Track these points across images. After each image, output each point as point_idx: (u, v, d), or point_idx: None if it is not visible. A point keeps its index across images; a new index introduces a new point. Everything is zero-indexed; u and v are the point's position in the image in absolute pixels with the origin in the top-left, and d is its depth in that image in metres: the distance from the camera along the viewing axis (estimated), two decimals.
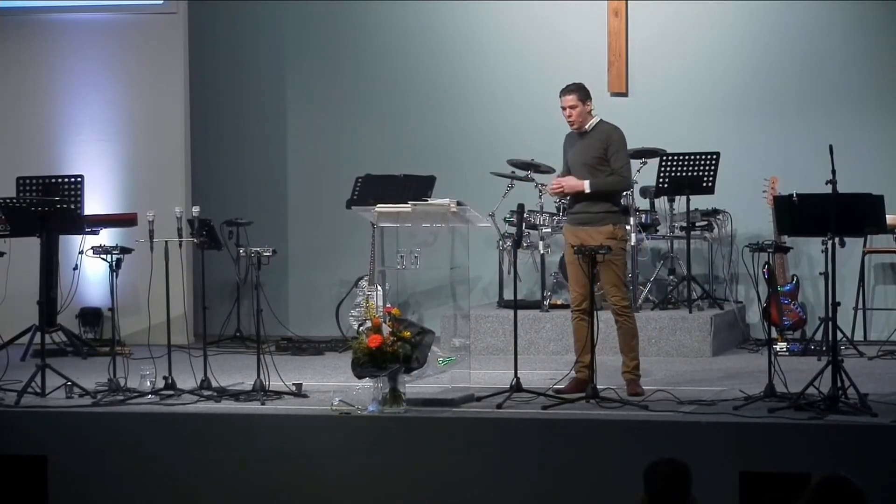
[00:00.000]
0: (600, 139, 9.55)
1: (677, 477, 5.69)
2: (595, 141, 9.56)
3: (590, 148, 9.56)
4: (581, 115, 9.56)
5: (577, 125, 9.59)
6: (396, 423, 8.73)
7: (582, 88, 9.61)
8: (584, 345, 9.45)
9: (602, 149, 9.53)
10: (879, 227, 9.24)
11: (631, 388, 9.42)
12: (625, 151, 9.62)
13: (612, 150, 9.52)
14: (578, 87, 9.61)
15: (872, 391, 8.97)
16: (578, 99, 9.54)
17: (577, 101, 9.53)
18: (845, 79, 12.40)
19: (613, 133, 9.58)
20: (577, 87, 9.61)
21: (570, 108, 9.55)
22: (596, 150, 9.54)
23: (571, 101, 9.54)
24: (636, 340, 9.62)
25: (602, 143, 9.54)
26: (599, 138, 9.56)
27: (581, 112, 9.55)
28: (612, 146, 9.53)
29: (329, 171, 13.15)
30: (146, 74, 12.85)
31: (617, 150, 9.54)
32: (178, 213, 9.92)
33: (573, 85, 9.63)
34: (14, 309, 11.66)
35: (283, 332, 12.74)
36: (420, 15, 13.13)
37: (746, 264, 9.49)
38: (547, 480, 8.40)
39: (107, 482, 8.91)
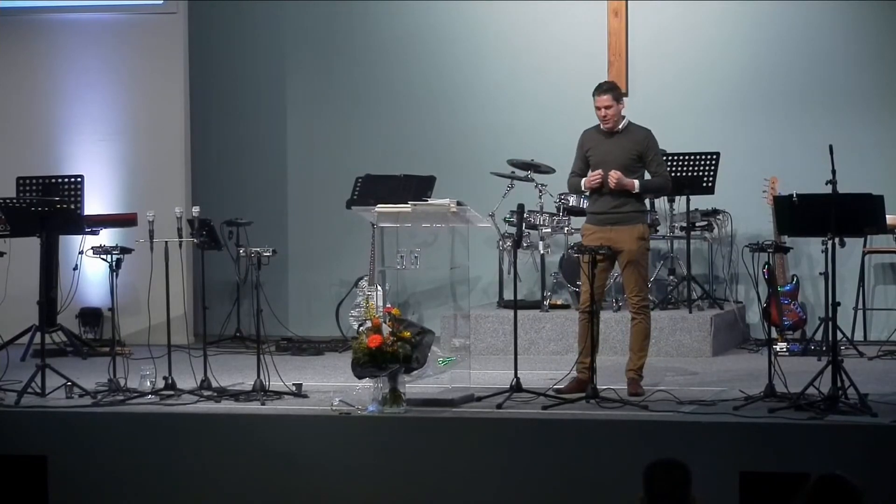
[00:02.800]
0: (637, 141, 9.58)
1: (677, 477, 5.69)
2: (630, 143, 9.58)
3: (625, 149, 9.57)
4: (617, 115, 9.58)
5: (612, 124, 9.59)
6: (396, 423, 8.73)
7: (616, 88, 9.66)
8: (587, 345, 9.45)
9: (638, 151, 9.57)
10: (879, 227, 9.23)
11: (632, 387, 9.43)
12: (660, 154, 9.76)
13: (651, 154, 9.61)
14: (613, 86, 9.67)
15: (872, 391, 8.98)
16: (613, 98, 9.56)
17: (613, 101, 9.56)
18: (845, 79, 12.40)
19: (650, 137, 9.65)
20: (613, 86, 9.67)
21: (606, 108, 9.56)
22: (632, 151, 9.57)
23: (607, 101, 9.55)
24: (648, 341, 9.65)
25: (639, 146, 9.58)
26: (636, 140, 9.59)
27: (616, 112, 9.58)
28: (651, 150, 9.62)
29: (329, 171, 13.15)
30: (146, 74, 12.86)
31: (655, 153, 9.66)
32: (178, 213, 9.92)
33: (607, 84, 9.68)
34: (14, 309, 11.66)
35: (283, 332, 12.74)
36: (420, 15, 13.13)
37: (746, 264, 9.49)
38: (547, 480, 8.40)
39: (107, 482, 8.91)
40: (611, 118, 9.56)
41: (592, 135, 9.72)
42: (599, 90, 9.60)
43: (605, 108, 9.55)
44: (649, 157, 9.59)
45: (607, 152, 9.60)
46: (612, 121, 9.58)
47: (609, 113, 9.55)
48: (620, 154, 9.56)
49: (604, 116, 9.57)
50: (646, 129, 9.66)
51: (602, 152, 9.62)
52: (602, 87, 9.62)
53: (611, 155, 9.58)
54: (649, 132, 9.65)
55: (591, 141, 9.71)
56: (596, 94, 9.59)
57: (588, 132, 9.76)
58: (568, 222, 11.97)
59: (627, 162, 9.55)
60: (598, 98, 9.57)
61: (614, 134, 9.61)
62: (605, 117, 9.57)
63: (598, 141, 9.66)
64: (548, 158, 12.18)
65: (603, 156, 9.61)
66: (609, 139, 9.62)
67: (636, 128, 9.66)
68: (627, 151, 9.56)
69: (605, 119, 9.57)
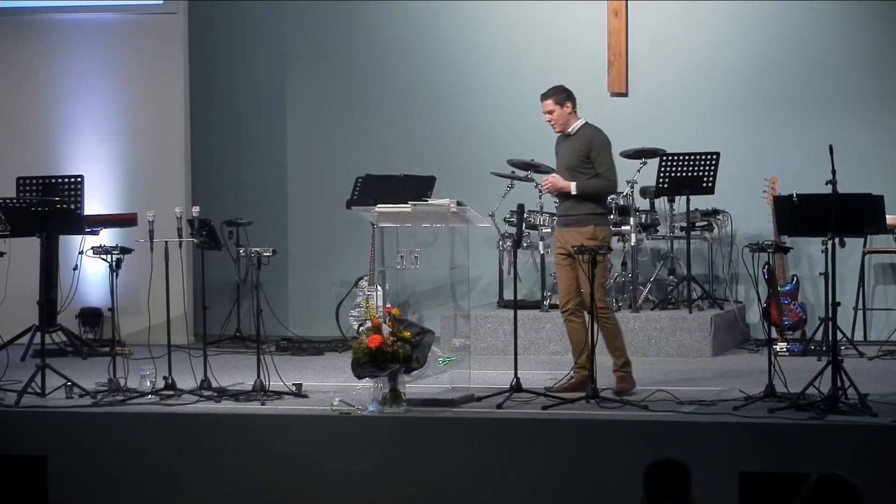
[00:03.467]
0: (583, 143, 9.61)
1: (677, 477, 5.68)
2: (578, 144, 9.63)
3: (573, 151, 9.64)
4: (562, 118, 9.63)
5: (560, 128, 9.65)
6: (396, 423, 8.73)
7: (559, 92, 9.67)
8: (579, 346, 9.48)
9: (584, 152, 9.59)
10: (879, 227, 9.23)
11: (621, 384, 9.43)
12: (609, 155, 9.67)
13: (595, 154, 9.59)
14: (555, 91, 9.68)
15: (872, 391, 8.97)
16: (555, 103, 9.61)
17: (555, 106, 9.61)
18: (845, 79, 12.40)
19: (596, 137, 9.63)
20: (554, 91, 9.68)
21: (549, 112, 9.66)
22: (579, 152, 9.61)
23: (549, 107, 9.65)
24: (620, 338, 9.63)
25: (585, 147, 9.60)
26: (582, 142, 9.62)
27: (561, 115, 9.62)
28: (595, 150, 9.59)
29: (329, 171, 13.15)
30: (146, 74, 12.86)
31: (600, 153, 9.61)
32: (178, 213, 9.92)
33: (550, 90, 9.72)
34: (14, 309, 11.66)
35: (283, 332, 12.74)
36: (420, 15, 13.14)
37: (746, 264, 9.49)
38: (547, 480, 8.40)
39: (107, 482, 8.91)
40: (556, 122, 9.64)
41: (559, 138, 9.82)
42: (541, 96, 9.70)
43: (548, 112, 9.66)
44: (594, 157, 9.59)
45: (562, 155, 9.73)
46: (560, 125, 9.64)
47: (552, 118, 9.64)
48: (569, 156, 9.65)
49: (549, 121, 9.67)
50: (596, 129, 9.68)
51: (559, 155, 9.77)
52: (544, 93, 9.70)
53: (562, 157, 9.71)
54: (596, 133, 9.66)
55: (558, 143, 9.84)
56: (540, 100, 9.69)
57: (559, 135, 9.81)
58: None
59: (575, 163, 9.61)
60: (542, 104, 9.69)
61: (569, 137, 9.66)
62: (550, 122, 9.66)
63: (559, 144, 9.80)
64: (548, 158, 12.12)
65: (559, 158, 9.76)
66: (564, 142, 9.72)
67: (587, 129, 9.68)
68: (575, 153, 9.62)
69: (552, 124, 9.65)
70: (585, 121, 9.69)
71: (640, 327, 11.46)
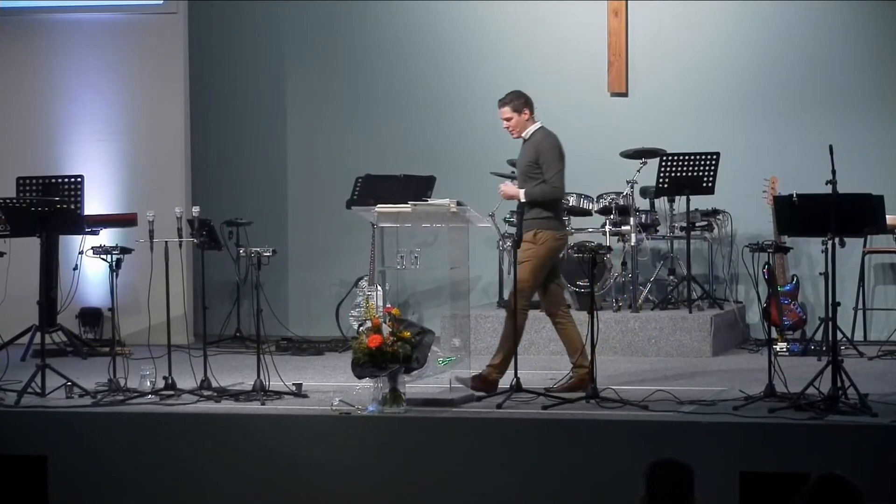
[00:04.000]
0: (533, 148, 9.63)
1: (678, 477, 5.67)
2: (529, 149, 9.65)
3: (524, 156, 9.68)
4: (519, 125, 9.67)
5: (517, 134, 9.70)
6: (396, 423, 8.73)
7: (517, 98, 9.67)
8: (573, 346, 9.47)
9: (534, 158, 9.60)
10: (879, 227, 9.23)
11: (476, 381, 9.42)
12: (556, 160, 9.62)
13: (542, 160, 9.59)
14: (513, 97, 9.67)
15: (872, 391, 8.97)
16: (513, 110, 9.64)
17: (512, 113, 9.64)
18: (845, 79, 12.40)
19: (543, 142, 9.62)
20: (512, 97, 9.67)
21: (506, 119, 9.68)
22: (529, 158, 9.63)
23: (507, 113, 9.68)
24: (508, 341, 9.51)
25: (534, 152, 9.61)
26: (533, 147, 9.64)
27: (518, 122, 9.66)
28: (543, 155, 9.59)
29: (329, 171, 13.15)
30: (146, 74, 12.86)
31: (547, 159, 9.59)
32: (178, 213, 9.92)
33: (508, 96, 9.71)
34: (14, 309, 11.65)
35: (283, 332, 12.73)
36: (420, 15, 13.14)
37: (746, 264, 9.49)
38: (547, 480, 8.40)
39: (107, 482, 8.91)
40: (514, 129, 9.68)
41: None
42: (499, 103, 9.71)
43: (506, 119, 9.68)
44: (541, 162, 9.60)
45: (518, 159, 9.79)
46: (517, 131, 9.67)
47: (511, 124, 9.67)
48: (522, 161, 9.71)
49: (506, 128, 9.70)
50: (546, 134, 9.66)
51: (518, 159, 9.81)
52: (501, 100, 9.70)
53: (518, 162, 9.78)
54: (545, 138, 9.64)
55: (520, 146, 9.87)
56: (498, 106, 9.70)
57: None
58: (568, 222, 11.95)
59: (526, 168, 9.65)
60: (499, 111, 9.70)
61: (524, 142, 9.69)
62: (508, 129, 9.70)
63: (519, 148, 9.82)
64: None
65: (517, 163, 9.82)
66: (522, 147, 9.75)
67: (539, 134, 9.68)
68: (526, 158, 9.66)
69: (509, 130, 9.69)
70: (540, 125, 9.70)
71: (640, 327, 11.46)
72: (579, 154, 12.60)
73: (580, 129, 12.75)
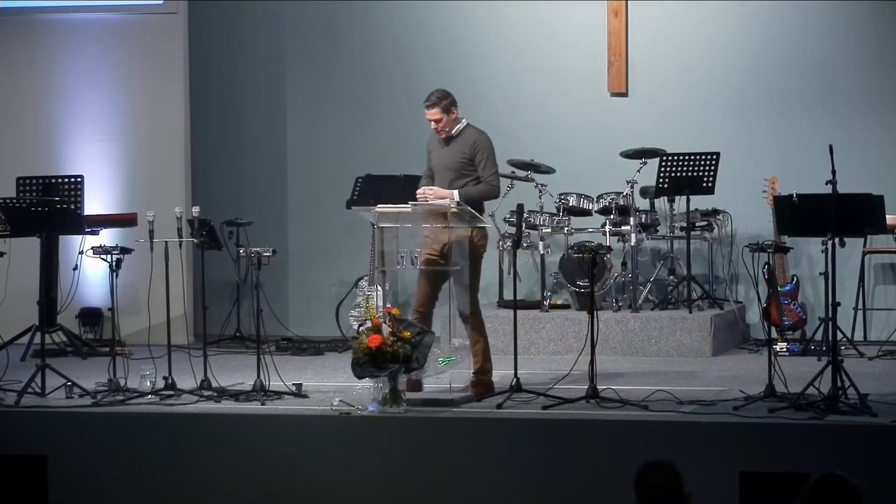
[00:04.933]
0: (467, 145, 9.57)
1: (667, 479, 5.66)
2: (462, 146, 9.58)
3: (456, 153, 9.58)
4: (448, 124, 9.59)
5: (446, 134, 9.61)
6: (396, 423, 8.73)
7: (444, 98, 9.57)
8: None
9: (468, 155, 9.55)
10: (879, 227, 9.23)
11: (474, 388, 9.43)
12: (493, 159, 9.61)
13: (479, 158, 9.56)
14: (440, 97, 9.56)
15: (872, 391, 8.97)
16: (442, 111, 9.54)
17: (442, 114, 9.54)
18: (845, 78, 12.40)
19: (480, 140, 9.59)
20: (439, 97, 9.56)
21: (436, 121, 9.57)
22: (462, 155, 9.56)
23: (436, 115, 9.57)
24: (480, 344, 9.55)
25: (469, 149, 9.55)
26: (466, 143, 9.58)
27: (447, 121, 9.58)
28: (480, 153, 9.56)
29: (329, 171, 13.15)
30: (146, 74, 12.86)
31: (484, 157, 9.57)
32: (178, 213, 9.92)
33: (435, 98, 9.58)
34: (14, 309, 11.65)
35: (283, 332, 12.74)
36: (420, 15, 13.14)
37: (746, 264, 9.49)
38: (547, 480, 8.40)
39: (107, 482, 8.91)
40: (443, 129, 9.58)
41: (434, 138, 9.73)
42: (426, 104, 9.58)
43: (436, 121, 9.58)
44: (477, 160, 9.57)
45: (442, 157, 9.65)
46: (445, 131, 9.59)
47: (441, 125, 9.57)
48: (452, 158, 9.59)
49: (436, 129, 9.59)
50: (479, 132, 9.64)
51: (438, 157, 9.68)
52: (428, 101, 9.57)
53: (445, 160, 9.62)
54: (481, 136, 9.62)
55: (433, 144, 9.75)
56: (425, 107, 9.59)
57: (432, 134, 9.74)
58: (568, 222, 11.97)
59: (458, 166, 9.57)
60: (426, 112, 9.58)
61: (451, 139, 9.63)
62: (437, 129, 9.59)
63: (437, 145, 9.71)
64: (548, 158, 12.19)
65: (438, 160, 9.67)
66: (444, 144, 9.65)
67: (470, 132, 9.64)
68: (458, 155, 9.57)
69: (438, 130, 9.59)
70: (466, 122, 9.66)
71: (640, 327, 11.46)
72: (579, 154, 12.67)
73: (580, 129, 12.77)
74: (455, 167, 9.56)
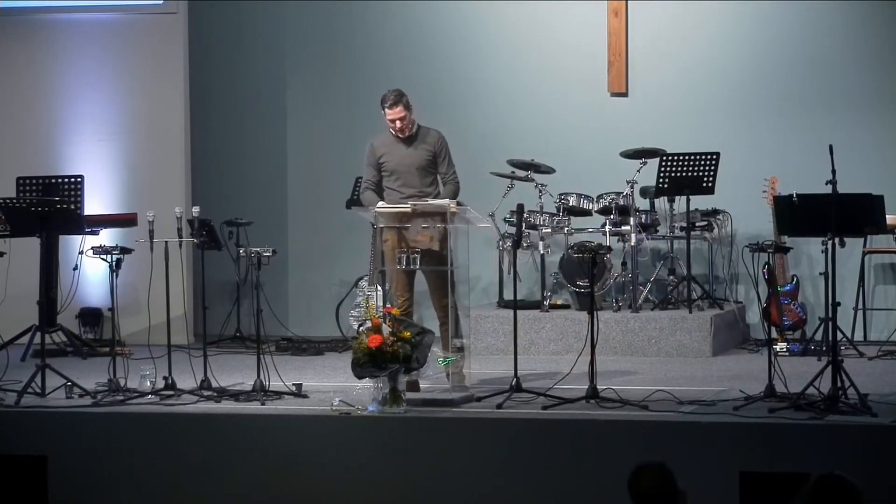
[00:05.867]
0: (431, 143, 9.64)
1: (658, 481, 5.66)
2: (427, 144, 9.63)
3: (422, 151, 9.61)
4: (410, 123, 9.63)
5: (409, 132, 9.63)
6: (396, 423, 8.73)
7: (404, 96, 9.61)
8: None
9: (433, 152, 9.60)
10: (879, 227, 9.23)
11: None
12: (452, 158, 9.74)
13: (442, 157, 9.66)
14: (399, 95, 9.59)
15: (872, 391, 8.97)
16: (405, 108, 9.58)
17: (404, 111, 9.59)
18: (845, 79, 12.40)
19: (442, 139, 9.69)
20: (399, 95, 9.59)
21: (400, 119, 9.59)
22: (429, 153, 9.62)
23: (400, 113, 9.59)
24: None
25: (433, 147, 9.62)
26: (430, 142, 9.65)
27: (409, 120, 9.62)
28: (443, 151, 9.67)
29: (329, 171, 13.15)
30: (146, 74, 12.86)
31: (446, 154, 9.69)
32: (178, 213, 9.92)
33: (395, 96, 9.59)
34: (14, 309, 11.66)
35: (283, 332, 12.74)
36: (420, 15, 13.14)
37: (746, 264, 9.49)
38: (547, 480, 8.40)
39: (107, 482, 8.91)
40: (406, 127, 9.61)
41: (384, 141, 9.73)
42: (388, 103, 9.58)
43: (399, 119, 9.60)
44: (441, 158, 9.63)
45: (403, 156, 9.66)
46: (407, 129, 9.61)
47: (403, 124, 9.60)
48: (416, 158, 9.62)
49: (399, 128, 9.61)
50: (437, 131, 9.73)
51: (399, 157, 9.67)
52: (390, 100, 9.58)
53: (407, 159, 9.64)
54: (441, 134, 9.71)
55: (385, 147, 9.72)
56: (386, 107, 9.59)
57: (378, 139, 9.76)
58: (568, 222, 11.97)
59: (426, 164, 9.64)
60: (389, 111, 9.59)
61: (409, 138, 9.65)
62: (400, 129, 9.61)
63: (392, 147, 9.70)
64: (548, 158, 12.18)
65: (401, 161, 9.67)
66: (403, 144, 9.67)
67: (426, 130, 9.71)
68: (422, 154, 9.62)
69: (401, 130, 9.61)
70: (418, 122, 9.70)
71: (640, 327, 11.46)
72: (579, 154, 12.67)
73: (580, 129, 12.77)
74: (423, 165, 9.64)
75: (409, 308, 9.54)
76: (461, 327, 9.49)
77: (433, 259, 9.46)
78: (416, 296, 12.75)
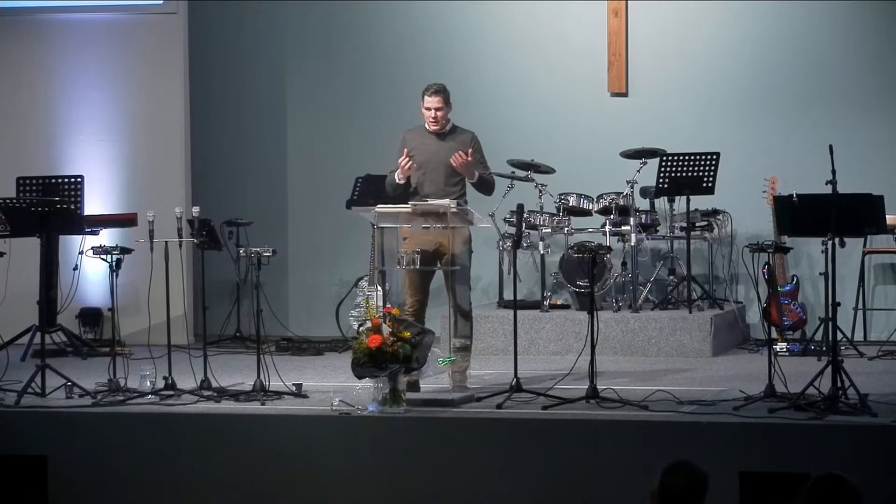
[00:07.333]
0: (465, 142, 9.57)
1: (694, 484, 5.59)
2: (459, 143, 9.55)
3: (453, 150, 9.49)
4: (445, 117, 9.56)
5: (440, 127, 9.57)
6: (396, 423, 8.73)
7: (446, 90, 9.57)
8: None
9: (467, 152, 9.49)
10: (879, 227, 9.22)
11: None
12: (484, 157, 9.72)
13: (478, 157, 9.61)
14: (443, 88, 9.57)
15: (872, 391, 8.97)
16: (444, 101, 9.52)
17: (443, 103, 9.52)
18: (845, 79, 12.41)
19: (476, 138, 9.65)
20: (443, 87, 9.56)
21: (437, 109, 9.53)
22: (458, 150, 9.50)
23: (438, 103, 9.52)
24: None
25: (467, 147, 9.53)
26: (464, 141, 9.58)
27: (445, 114, 9.56)
28: (479, 152, 9.62)
29: (329, 171, 13.16)
30: (146, 74, 12.86)
31: (482, 154, 9.66)
32: (178, 213, 9.92)
33: (438, 85, 9.57)
34: (14, 309, 11.66)
35: (283, 332, 12.74)
36: (420, 15, 13.14)
37: (746, 264, 9.49)
38: (547, 480, 8.40)
39: (107, 482, 8.91)
40: (441, 120, 9.54)
41: (416, 135, 9.66)
42: (431, 91, 9.53)
43: (436, 109, 9.53)
44: (477, 158, 9.59)
45: (434, 152, 9.58)
46: (441, 123, 9.56)
47: (440, 115, 9.53)
48: (446, 154, 9.51)
49: (434, 118, 9.53)
50: (470, 131, 9.67)
51: (430, 151, 9.58)
52: (433, 89, 9.54)
53: (440, 155, 9.55)
54: (474, 134, 9.66)
55: (415, 141, 9.64)
56: (427, 94, 9.54)
57: (410, 133, 9.69)
58: (568, 222, 11.97)
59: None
60: (428, 99, 9.52)
61: (444, 135, 9.61)
62: (434, 119, 9.54)
63: (423, 141, 9.62)
64: (548, 158, 12.19)
65: (432, 155, 9.58)
66: (435, 139, 9.60)
67: (461, 130, 9.66)
68: (453, 151, 9.49)
69: (436, 120, 9.54)
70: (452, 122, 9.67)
71: (640, 327, 11.46)
72: (579, 154, 12.68)
73: (580, 129, 12.77)
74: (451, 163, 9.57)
75: (420, 309, 9.50)
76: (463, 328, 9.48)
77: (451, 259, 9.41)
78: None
